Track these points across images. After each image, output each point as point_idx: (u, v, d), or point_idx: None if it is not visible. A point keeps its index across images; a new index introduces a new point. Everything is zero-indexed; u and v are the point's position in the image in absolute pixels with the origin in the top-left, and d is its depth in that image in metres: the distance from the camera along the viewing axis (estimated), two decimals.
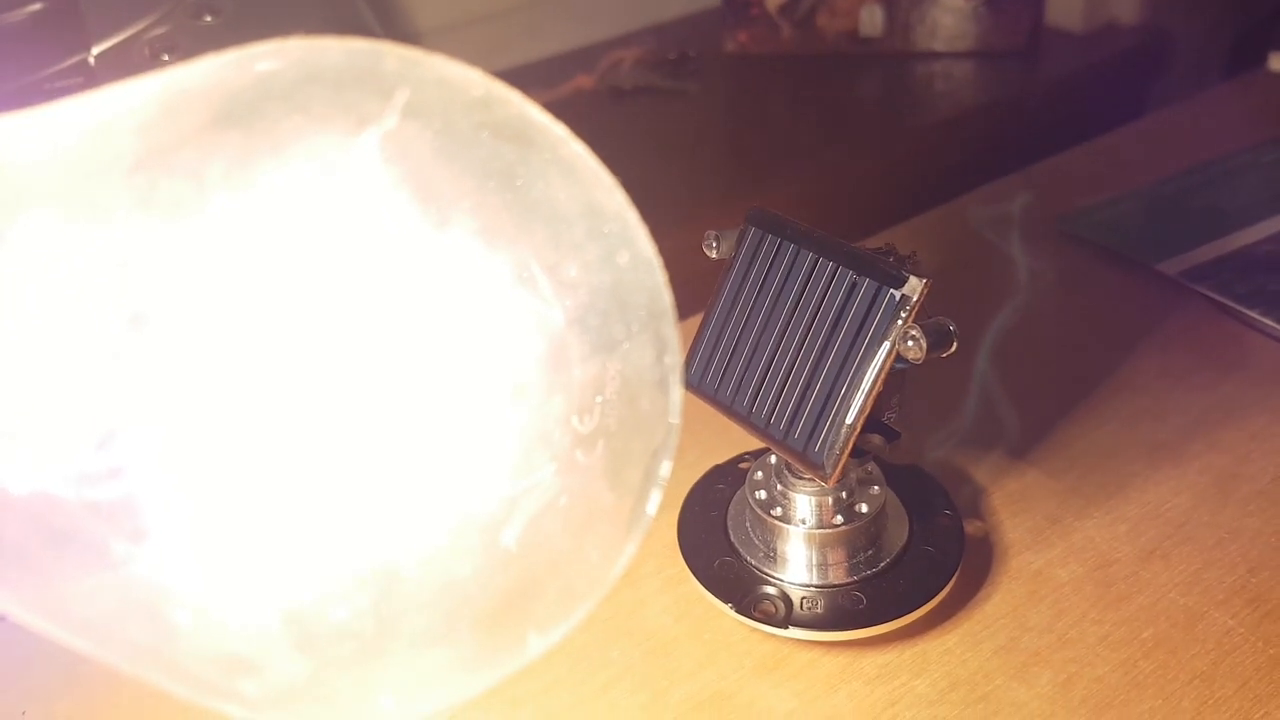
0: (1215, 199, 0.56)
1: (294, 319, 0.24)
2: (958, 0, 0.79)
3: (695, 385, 0.35)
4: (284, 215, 0.23)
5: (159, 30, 0.47)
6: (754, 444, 0.37)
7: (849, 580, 0.34)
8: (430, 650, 0.25)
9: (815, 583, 0.34)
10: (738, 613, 0.34)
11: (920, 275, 0.29)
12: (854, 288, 0.31)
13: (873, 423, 0.32)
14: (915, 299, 0.29)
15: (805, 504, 0.34)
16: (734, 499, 0.38)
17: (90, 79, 0.47)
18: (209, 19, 0.48)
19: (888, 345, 0.30)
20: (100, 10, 0.48)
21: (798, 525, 0.34)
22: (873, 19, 0.81)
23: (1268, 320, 0.46)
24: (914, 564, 0.35)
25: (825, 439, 0.31)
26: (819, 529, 0.34)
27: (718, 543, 0.37)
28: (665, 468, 0.26)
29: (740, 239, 0.35)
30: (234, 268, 0.23)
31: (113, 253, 0.23)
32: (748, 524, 0.37)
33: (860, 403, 0.30)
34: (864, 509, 0.35)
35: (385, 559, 0.25)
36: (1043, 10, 0.81)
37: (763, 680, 0.33)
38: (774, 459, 0.36)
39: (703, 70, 0.82)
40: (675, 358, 0.25)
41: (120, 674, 0.23)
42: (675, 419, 0.25)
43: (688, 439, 0.26)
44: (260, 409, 0.24)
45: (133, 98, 0.22)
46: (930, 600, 0.34)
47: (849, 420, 0.30)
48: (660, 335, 0.25)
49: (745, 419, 0.33)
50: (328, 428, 0.24)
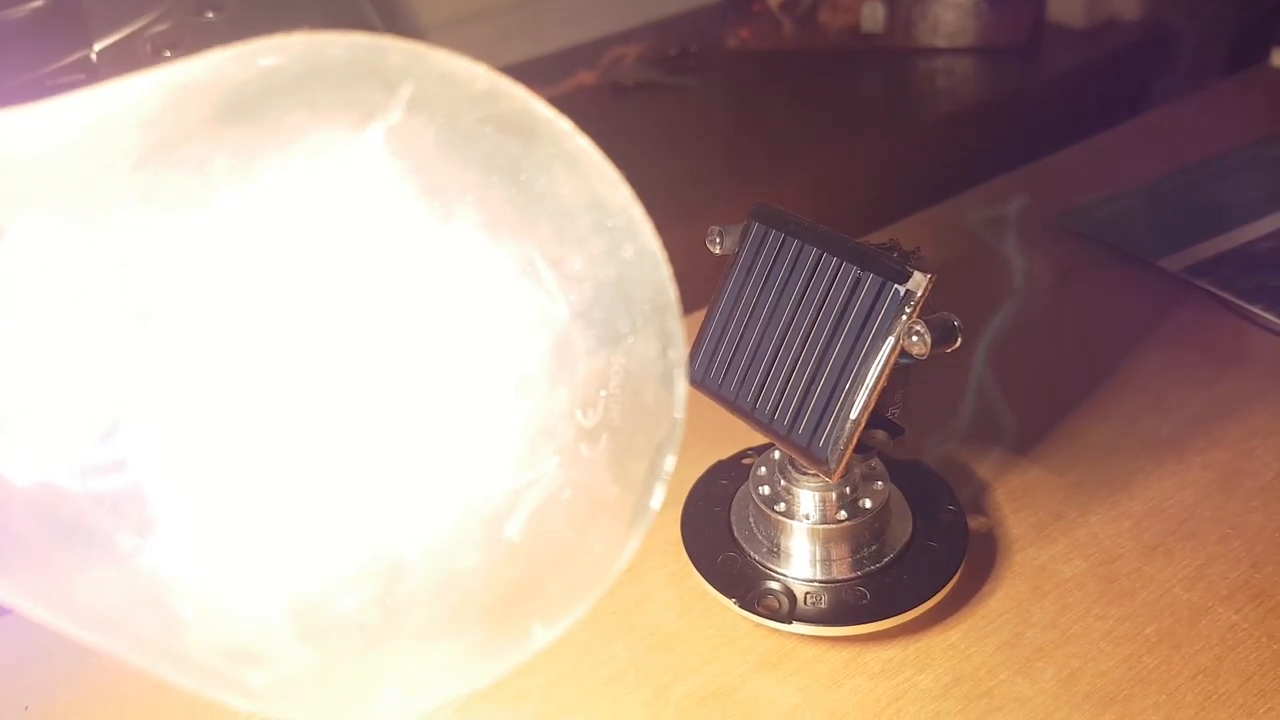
0: (1217, 195, 0.56)
1: (299, 312, 0.24)
2: None
3: (699, 380, 0.35)
4: (289, 209, 0.23)
5: (161, 26, 0.47)
6: (758, 439, 0.37)
7: (853, 575, 0.34)
8: (435, 642, 0.25)
9: (819, 578, 0.34)
10: (741, 608, 0.34)
11: (925, 270, 0.29)
12: (858, 283, 0.31)
13: (877, 418, 0.32)
14: (920, 294, 0.29)
15: (809, 499, 0.34)
16: (738, 494, 0.38)
17: (92, 75, 0.47)
18: (211, 15, 0.48)
19: (892, 340, 0.30)
20: (102, 7, 0.47)
21: (801, 520, 0.34)
22: (874, 15, 0.80)
23: (1270, 316, 0.46)
24: (917, 559, 0.35)
25: (829, 434, 0.31)
26: (823, 524, 0.34)
27: (721, 538, 0.37)
28: (669, 462, 0.26)
29: (744, 234, 0.35)
30: (239, 261, 0.23)
31: (117, 246, 0.23)
32: (751, 519, 0.37)
33: (864, 398, 0.30)
34: (868, 504, 0.35)
35: (390, 551, 0.25)
36: (1044, 6, 0.81)
37: (766, 675, 0.33)
38: (778, 454, 0.36)
39: (704, 66, 0.82)
40: (680, 352, 0.25)
41: (123, 669, 0.23)
42: (679, 413, 0.25)
43: (691, 434, 0.26)
44: (266, 401, 0.24)
45: (136, 93, 0.22)
46: (934, 596, 0.34)
47: (853, 416, 0.30)
48: (665, 329, 0.25)
49: (749, 414, 0.33)
50: (333, 420, 0.24)
